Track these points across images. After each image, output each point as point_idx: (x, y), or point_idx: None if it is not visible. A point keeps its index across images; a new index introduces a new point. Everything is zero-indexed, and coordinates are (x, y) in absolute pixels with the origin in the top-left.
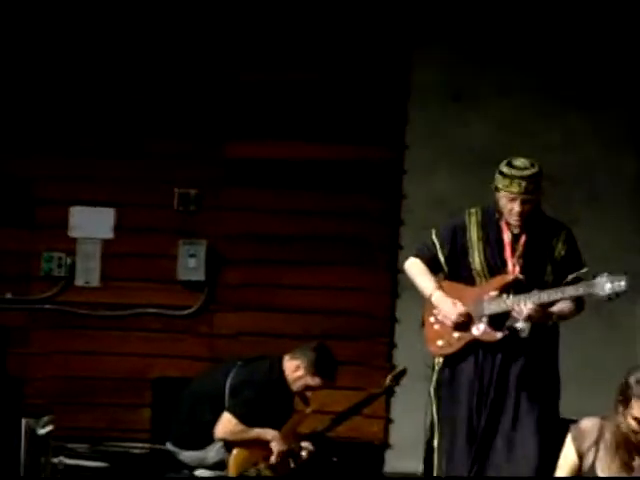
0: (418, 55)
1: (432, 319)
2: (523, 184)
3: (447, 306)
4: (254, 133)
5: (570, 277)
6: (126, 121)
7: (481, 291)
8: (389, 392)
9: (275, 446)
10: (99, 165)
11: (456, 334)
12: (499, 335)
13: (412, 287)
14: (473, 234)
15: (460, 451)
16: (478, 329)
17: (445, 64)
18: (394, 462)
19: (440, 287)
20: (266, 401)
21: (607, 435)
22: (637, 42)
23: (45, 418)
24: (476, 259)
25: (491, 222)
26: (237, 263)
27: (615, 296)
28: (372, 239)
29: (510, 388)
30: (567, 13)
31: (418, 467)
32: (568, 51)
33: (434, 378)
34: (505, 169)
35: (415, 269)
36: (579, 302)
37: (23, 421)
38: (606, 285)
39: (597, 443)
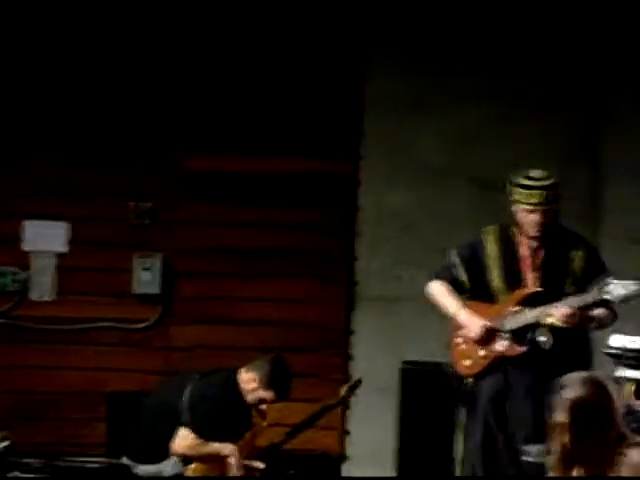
0: (372, 66)
1: (459, 340)
2: (543, 194)
3: (473, 323)
4: (208, 146)
5: (593, 286)
6: (80, 133)
7: (502, 307)
8: (344, 403)
9: (233, 460)
10: (52, 178)
11: (482, 352)
12: (523, 349)
13: (368, 298)
14: (491, 251)
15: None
16: (502, 345)
17: (399, 74)
18: (351, 474)
19: (465, 306)
20: (223, 415)
21: None
22: (590, 52)
23: (0, 433)
24: (495, 276)
25: (508, 238)
26: (192, 276)
27: (629, 300)
28: (327, 251)
29: (535, 401)
30: (522, 21)
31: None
32: (522, 60)
33: (464, 398)
34: (524, 181)
35: (438, 291)
36: (612, 309)
37: None
38: (618, 290)
39: None
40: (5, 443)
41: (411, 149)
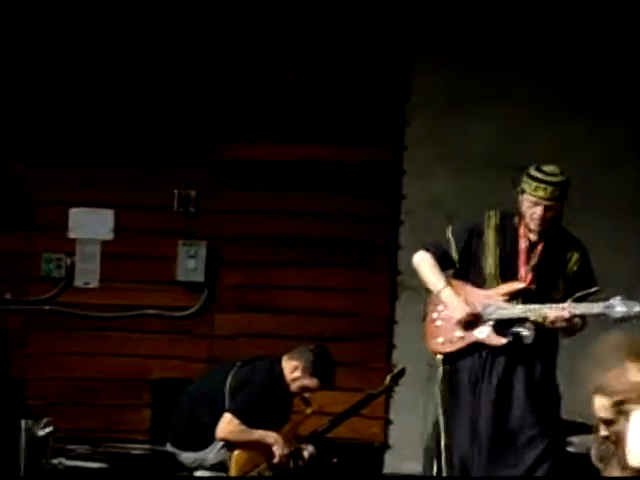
0: (418, 57)
1: (435, 315)
2: (549, 189)
3: (456, 304)
4: (253, 135)
5: (579, 294)
6: (125, 123)
7: (491, 295)
8: (388, 392)
9: (277, 449)
10: (98, 167)
11: (459, 333)
12: (503, 341)
13: (411, 288)
14: (489, 237)
15: (464, 451)
16: (482, 332)
17: (445, 66)
18: (393, 463)
19: (449, 284)
20: (266, 401)
21: None
22: (637, 47)
23: (45, 419)
24: (490, 262)
25: (509, 227)
26: (236, 264)
27: (627, 320)
28: (371, 240)
29: (514, 391)
30: (568, 17)
31: (417, 467)
32: (568, 55)
33: (439, 376)
34: (534, 173)
35: (425, 263)
36: (585, 319)
37: (23, 422)
38: (620, 308)
39: None
40: (49, 429)
41: (455, 138)
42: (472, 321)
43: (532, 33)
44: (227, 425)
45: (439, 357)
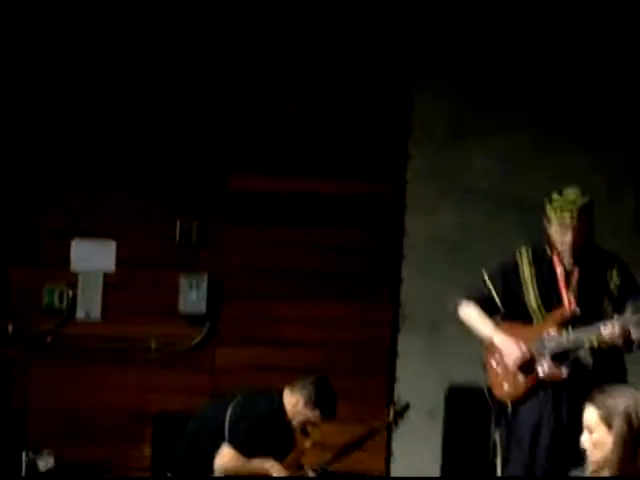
0: (419, 91)
1: (494, 363)
2: (575, 213)
3: (510, 348)
4: (256, 168)
5: (629, 306)
6: (128, 154)
7: (540, 329)
8: (391, 426)
9: (275, 472)
10: (101, 198)
11: (521, 376)
12: (565, 373)
13: (413, 320)
14: (526, 272)
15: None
16: (543, 368)
17: (446, 100)
18: None
19: (499, 329)
20: (266, 434)
21: None
22: (636, 79)
23: (46, 452)
24: (531, 297)
25: (542, 259)
26: (239, 296)
27: None
28: (373, 273)
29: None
30: (567, 50)
31: None
32: (569, 87)
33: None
34: (557, 199)
35: (471, 313)
36: None
37: (24, 454)
38: None
39: None
40: (50, 461)
41: (456, 172)
42: (529, 361)
43: (532, 66)
44: (225, 457)
45: (509, 405)
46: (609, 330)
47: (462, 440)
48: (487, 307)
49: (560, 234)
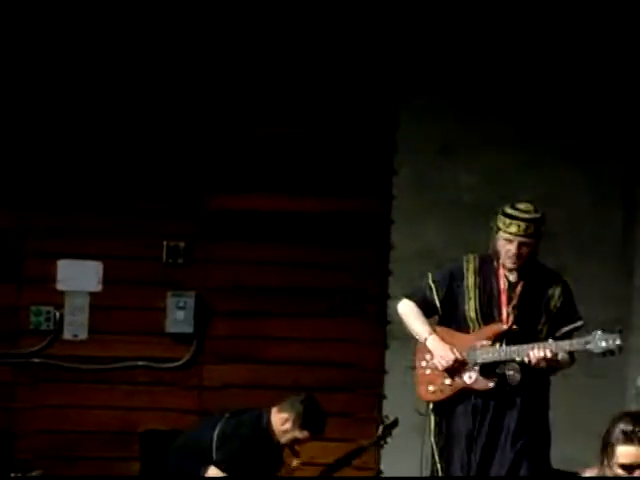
0: (404, 107)
1: (424, 363)
2: (522, 226)
3: (442, 351)
4: (241, 186)
5: (564, 330)
6: (113, 174)
7: (474, 338)
8: (380, 443)
9: None
10: (86, 218)
11: (447, 380)
12: (491, 384)
13: (401, 338)
14: (469, 280)
15: None
16: (470, 377)
17: (431, 116)
18: None
19: (434, 331)
20: (253, 454)
21: None
22: (623, 95)
23: (34, 473)
24: (471, 306)
25: (488, 269)
26: (226, 315)
27: (609, 353)
28: (360, 290)
29: (503, 437)
30: (553, 66)
31: None
32: (554, 102)
33: (432, 425)
34: (508, 210)
35: (409, 311)
36: (572, 354)
37: (12, 476)
38: (601, 342)
39: None
40: None
41: (443, 188)
42: (458, 367)
43: (517, 82)
44: (212, 477)
45: (430, 406)
46: (538, 352)
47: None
48: (426, 308)
49: (505, 245)
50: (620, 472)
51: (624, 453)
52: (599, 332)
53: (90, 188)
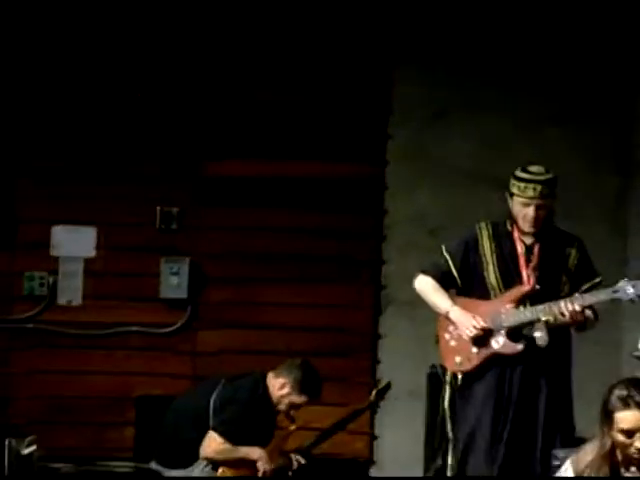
0: (398, 72)
1: (447, 336)
2: (538, 188)
3: (466, 320)
4: (235, 152)
5: (584, 286)
6: (106, 141)
7: (497, 304)
8: (374, 407)
9: (262, 465)
10: (80, 184)
11: (475, 349)
12: (520, 347)
13: (395, 302)
14: (486, 248)
15: (480, 466)
16: (498, 342)
17: (426, 81)
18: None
19: (455, 303)
20: (250, 419)
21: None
22: (616, 58)
23: (29, 438)
24: (491, 273)
25: (503, 235)
26: (220, 281)
27: (637, 298)
28: (354, 255)
29: (535, 402)
30: (546, 29)
31: None
32: (548, 67)
33: (447, 395)
34: (521, 174)
35: (427, 286)
36: (596, 313)
37: (7, 441)
38: (628, 289)
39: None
40: (33, 447)
41: (437, 153)
42: (485, 335)
43: (512, 48)
44: (211, 443)
45: (459, 376)
46: (568, 307)
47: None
48: (444, 281)
49: (522, 209)
50: (621, 438)
51: (623, 418)
52: (623, 281)
53: (84, 154)
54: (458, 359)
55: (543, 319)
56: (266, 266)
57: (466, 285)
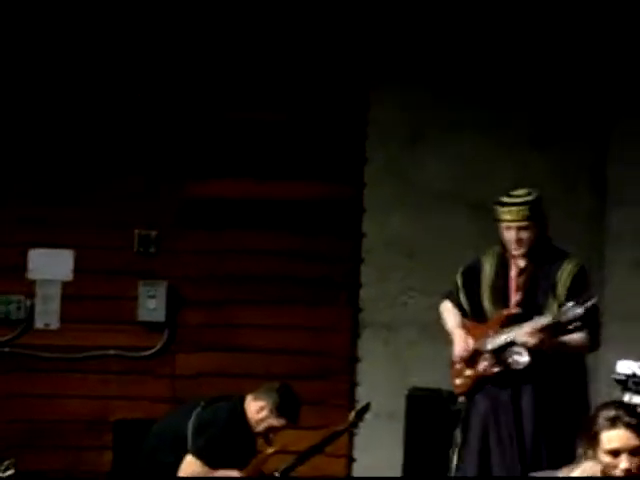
0: (375, 94)
1: (455, 358)
2: (514, 210)
3: (457, 343)
4: (212, 173)
5: (562, 309)
6: (83, 164)
7: (488, 327)
8: (353, 427)
9: None
10: (58, 207)
11: (468, 372)
12: (495, 369)
13: (373, 325)
14: (486, 272)
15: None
16: (483, 365)
17: (403, 103)
18: None
19: (463, 326)
20: (229, 442)
21: None
22: (595, 81)
23: (6, 462)
24: (485, 296)
25: (502, 259)
26: (197, 304)
27: (578, 320)
28: (332, 277)
29: (520, 422)
30: (524, 52)
31: None
32: (525, 89)
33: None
34: (501, 199)
35: (442, 309)
36: (593, 336)
37: None
38: (567, 313)
39: None
40: (10, 471)
41: (415, 176)
42: (475, 357)
43: (489, 68)
44: (189, 467)
45: (461, 399)
46: (522, 331)
47: (423, 442)
48: (457, 305)
49: (506, 233)
50: (607, 459)
51: (611, 438)
52: (570, 302)
53: (61, 177)
54: (458, 381)
55: (519, 341)
56: (244, 288)
57: (473, 310)
